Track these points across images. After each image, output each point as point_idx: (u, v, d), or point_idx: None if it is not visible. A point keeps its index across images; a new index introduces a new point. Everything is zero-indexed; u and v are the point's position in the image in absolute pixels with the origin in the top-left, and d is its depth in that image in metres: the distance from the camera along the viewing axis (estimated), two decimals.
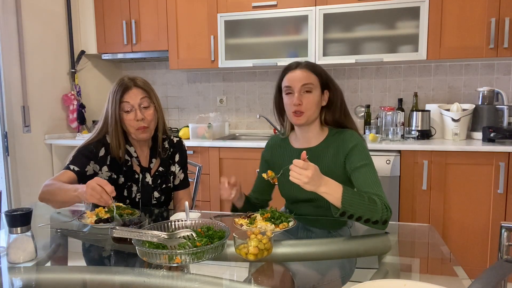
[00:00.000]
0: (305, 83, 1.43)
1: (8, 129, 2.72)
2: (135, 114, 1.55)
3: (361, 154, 1.42)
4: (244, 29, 2.93)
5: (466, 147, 2.37)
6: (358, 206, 1.22)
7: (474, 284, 0.69)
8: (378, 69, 3.10)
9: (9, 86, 2.70)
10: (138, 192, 1.65)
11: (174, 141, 1.76)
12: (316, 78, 1.46)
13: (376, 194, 1.31)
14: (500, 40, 2.51)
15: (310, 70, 1.47)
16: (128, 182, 1.64)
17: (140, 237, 1.08)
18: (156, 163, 1.69)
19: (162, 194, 1.70)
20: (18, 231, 1.11)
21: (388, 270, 1.07)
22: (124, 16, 3.20)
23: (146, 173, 1.66)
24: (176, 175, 1.76)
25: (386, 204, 1.29)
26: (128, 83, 1.57)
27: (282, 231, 1.27)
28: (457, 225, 2.45)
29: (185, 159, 1.80)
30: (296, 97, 1.43)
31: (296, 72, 1.47)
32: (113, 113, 1.56)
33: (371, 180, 1.36)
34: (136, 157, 1.65)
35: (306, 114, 1.44)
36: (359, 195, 1.25)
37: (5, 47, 2.67)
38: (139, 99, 1.57)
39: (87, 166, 1.57)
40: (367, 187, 1.34)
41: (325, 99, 1.50)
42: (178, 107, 3.63)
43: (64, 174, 1.52)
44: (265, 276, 1.03)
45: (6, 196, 2.73)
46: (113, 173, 1.62)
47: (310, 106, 1.44)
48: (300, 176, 1.17)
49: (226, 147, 2.77)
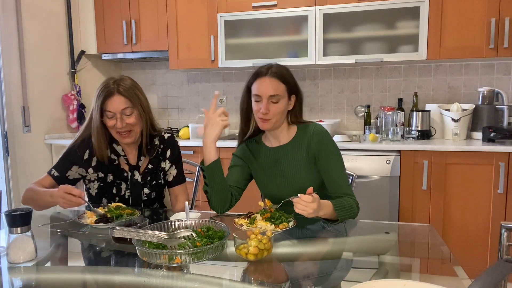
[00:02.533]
0: (273, 94, 1.48)
1: (8, 129, 2.72)
2: (116, 121, 1.55)
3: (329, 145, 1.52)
4: (244, 29, 2.93)
5: (466, 147, 2.37)
6: (346, 215, 1.40)
7: (474, 284, 0.69)
8: (378, 69, 3.10)
9: (9, 86, 2.70)
10: (127, 189, 1.65)
11: (165, 137, 1.75)
12: (284, 88, 1.51)
13: (347, 194, 1.48)
14: (500, 40, 2.51)
15: (279, 79, 1.50)
16: (117, 180, 1.65)
17: (140, 237, 1.08)
18: (145, 161, 1.69)
19: (153, 190, 1.70)
20: (18, 231, 1.11)
21: (388, 270, 1.07)
22: (124, 16, 3.20)
23: (135, 171, 1.66)
24: (168, 172, 1.74)
25: (356, 202, 1.47)
26: (111, 88, 1.55)
27: (282, 231, 1.27)
28: (457, 225, 2.45)
29: (177, 155, 1.77)
30: (263, 106, 1.48)
31: (266, 80, 1.50)
32: (95, 117, 1.58)
33: (342, 179, 1.50)
34: (124, 156, 1.66)
35: (272, 121, 1.51)
36: (343, 206, 1.40)
37: (5, 47, 2.67)
38: (121, 109, 1.55)
39: (68, 171, 1.63)
40: (339, 188, 1.49)
41: (291, 104, 1.57)
42: (178, 107, 3.63)
43: (45, 179, 1.62)
44: (265, 276, 1.03)
45: (6, 196, 2.74)
46: (100, 172, 1.63)
47: (276, 114, 1.50)
48: (306, 209, 1.26)
49: (226, 147, 2.77)
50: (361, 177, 2.50)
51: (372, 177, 2.50)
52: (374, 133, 2.73)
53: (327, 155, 1.51)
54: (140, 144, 1.68)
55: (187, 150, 2.85)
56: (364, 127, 2.97)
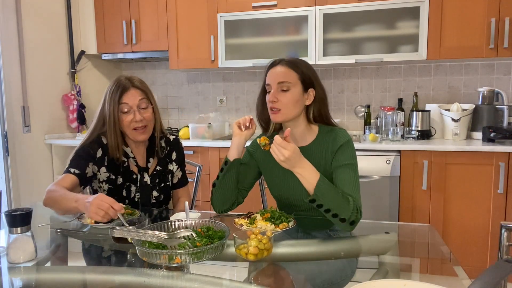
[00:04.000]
0: (282, 81, 1.40)
1: (8, 129, 2.72)
2: (134, 115, 1.55)
3: (347, 153, 1.40)
4: (244, 29, 2.93)
5: (466, 147, 2.37)
6: (329, 199, 1.25)
7: (474, 284, 0.69)
8: (378, 69, 3.10)
9: (9, 86, 2.70)
10: (137, 192, 1.65)
11: (171, 139, 1.75)
12: (296, 76, 1.41)
13: (351, 195, 1.31)
14: (500, 40, 2.51)
15: (290, 67, 1.42)
16: (127, 182, 1.64)
17: (140, 237, 1.08)
18: (153, 163, 1.69)
19: (161, 193, 1.70)
20: (18, 231, 1.11)
21: (388, 270, 1.07)
22: (124, 16, 3.20)
23: (144, 173, 1.65)
24: (174, 174, 1.75)
25: (358, 207, 1.30)
26: (126, 83, 1.56)
27: (282, 231, 1.27)
28: (457, 225, 2.45)
29: (182, 157, 1.79)
30: (271, 94, 1.41)
31: (276, 69, 1.43)
32: (111, 114, 1.55)
33: (350, 180, 1.35)
34: (133, 158, 1.65)
35: (282, 111, 1.41)
36: (334, 189, 1.27)
37: (5, 47, 2.67)
38: (138, 100, 1.56)
39: (86, 168, 1.57)
40: (344, 187, 1.34)
41: (309, 98, 1.45)
42: (178, 107, 3.63)
43: (66, 178, 1.51)
44: (265, 276, 1.03)
45: (6, 196, 2.73)
46: (111, 174, 1.62)
47: (286, 104, 1.40)
48: (278, 154, 1.22)
49: (226, 147, 2.77)
50: (361, 177, 2.48)
51: (372, 177, 2.50)
52: (374, 133, 2.73)
53: (343, 158, 1.39)
54: (148, 145, 1.68)
55: (187, 150, 2.85)
56: (364, 127, 2.97)
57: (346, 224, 1.27)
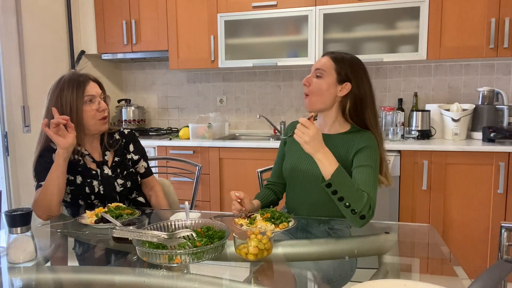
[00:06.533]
0: (317, 68, 1.46)
1: (8, 129, 2.71)
2: (99, 104, 1.60)
3: (371, 155, 1.41)
4: (244, 29, 2.93)
5: (466, 147, 2.37)
6: (345, 187, 1.26)
7: (474, 284, 0.69)
8: (378, 69, 3.10)
9: (9, 86, 2.70)
10: (100, 185, 1.65)
11: (125, 132, 1.79)
12: (332, 65, 1.45)
13: (367, 192, 1.32)
14: (500, 40, 2.51)
15: (330, 58, 1.47)
16: (87, 179, 1.63)
17: (140, 237, 1.08)
18: (110, 155, 1.71)
19: (126, 180, 1.71)
20: (18, 231, 1.11)
21: (388, 270, 1.07)
22: (124, 16, 3.20)
23: (104, 166, 1.67)
24: (139, 164, 1.78)
25: (371, 204, 1.31)
26: (83, 77, 1.61)
27: (282, 231, 1.27)
28: (457, 225, 2.45)
29: (142, 148, 1.82)
30: (306, 78, 1.47)
31: (321, 59, 1.51)
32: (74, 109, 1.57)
33: (369, 179, 1.36)
34: (88, 155, 1.66)
35: (310, 97, 1.46)
36: (351, 181, 1.29)
37: (5, 47, 2.67)
38: (100, 92, 1.64)
39: None
40: (362, 185, 1.34)
41: (342, 90, 1.45)
42: (178, 107, 3.63)
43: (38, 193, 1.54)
44: (265, 276, 1.03)
45: (6, 196, 2.73)
46: (70, 175, 1.61)
47: (315, 90, 1.45)
48: (302, 135, 1.23)
49: (226, 147, 2.77)
50: None
51: None
52: None
53: (366, 159, 1.40)
54: (102, 139, 1.71)
55: (187, 150, 2.85)
56: None
57: (356, 217, 1.28)
